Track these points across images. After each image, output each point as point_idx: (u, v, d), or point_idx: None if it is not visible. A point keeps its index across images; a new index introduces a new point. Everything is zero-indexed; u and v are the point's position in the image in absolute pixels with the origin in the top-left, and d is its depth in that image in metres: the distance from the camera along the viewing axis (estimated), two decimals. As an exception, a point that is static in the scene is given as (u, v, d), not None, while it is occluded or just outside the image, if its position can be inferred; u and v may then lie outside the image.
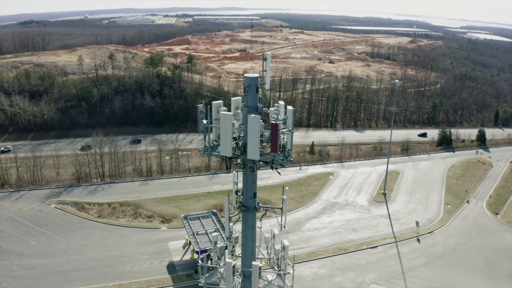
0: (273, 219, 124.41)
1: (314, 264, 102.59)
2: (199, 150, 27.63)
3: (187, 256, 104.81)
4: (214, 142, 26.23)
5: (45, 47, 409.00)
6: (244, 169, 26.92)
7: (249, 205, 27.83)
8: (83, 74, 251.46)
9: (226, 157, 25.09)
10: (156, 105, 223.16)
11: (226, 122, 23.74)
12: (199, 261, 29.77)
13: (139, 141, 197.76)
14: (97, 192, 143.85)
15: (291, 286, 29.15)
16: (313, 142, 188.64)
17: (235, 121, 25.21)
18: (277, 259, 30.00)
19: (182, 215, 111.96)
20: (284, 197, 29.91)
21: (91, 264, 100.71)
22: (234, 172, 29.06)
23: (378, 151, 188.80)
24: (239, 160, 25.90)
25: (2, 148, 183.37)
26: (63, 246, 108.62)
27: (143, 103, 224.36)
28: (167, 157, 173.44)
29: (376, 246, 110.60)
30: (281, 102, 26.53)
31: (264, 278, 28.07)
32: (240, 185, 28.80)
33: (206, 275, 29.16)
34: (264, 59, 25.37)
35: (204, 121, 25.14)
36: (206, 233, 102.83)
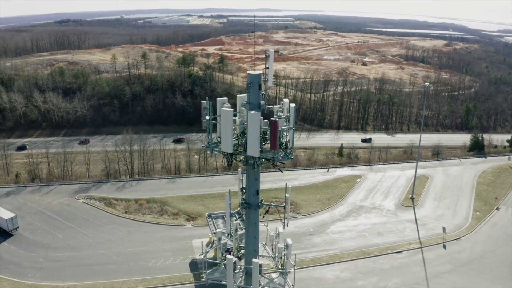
0: (298, 220, 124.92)
1: (337, 267, 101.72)
2: (202, 146, 27.74)
3: (210, 254, 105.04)
4: (218, 138, 26.29)
5: (81, 45, 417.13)
6: (247, 166, 26.92)
7: (251, 202, 27.80)
8: (116, 72, 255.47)
9: (227, 153, 25.14)
10: (187, 104, 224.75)
11: (226, 118, 23.81)
12: (202, 257, 29.91)
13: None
14: (125, 189, 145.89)
15: (292, 285, 28.99)
16: (342, 144, 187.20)
17: (236, 118, 25.19)
18: (280, 258, 29.83)
19: (207, 213, 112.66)
20: (287, 195, 29.69)
21: (116, 258, 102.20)
22: (239, 169, 29.09)
23: (408, 155, 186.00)
24: (242, 157, 25.88)
25: (18, 145, 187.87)
26: (89, 240, 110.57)
27: (174, 102, 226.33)
28: (196, 156, 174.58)
29: (401, 251, 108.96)
30: (286, 100, 26.45)
31: (266, 276, 27.95)
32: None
33: (209, 270, 29.29)
34: (267, 56, 25.30)
35: (207, 117, 25.22)
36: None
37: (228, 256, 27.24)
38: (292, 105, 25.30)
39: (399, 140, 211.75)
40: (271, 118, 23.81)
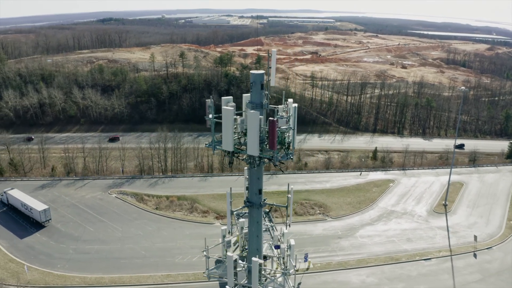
0: (327, 223, 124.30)
1: (363, 271, 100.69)
2: (205, 144, 28.14)
3: (237, 253, 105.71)
4: (221, 136, 26.57)
5: (121, 44, 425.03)
6: (249, 165, 27.15)
7: (254, 201, 27.98)
8: (154, 71, 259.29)
9: (228, 151, 25.46)
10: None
11: (227, 117, 24.13)
12: (204, 253, 30.36)
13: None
14: (157, 185, 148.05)
15: (293, 286, 29.06)
16: (376, 147, 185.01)
17: (238, 117, 25.45)
18: (283, 258, 29.93)
19: (235, 212, 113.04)
20: (289, 195, 29.83)
21: (143, 253, 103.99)
22: (246, 168, 29.30)
23: (443, 160, 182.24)
24: (245, 156, 26.13)
25: (26, 137, 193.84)
26: (119, 234, 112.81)
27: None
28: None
29: (429, 258, 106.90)
30: (290, 100, 26.58)
31: (269, 276, 28.07)
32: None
33: (213, 267, 29.68)
34: (269, 56, 25.48)
35: (210, 116, 25.59)
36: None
37: (228, 254, 27.58)
38: (294, 105, 25.33)
39: (435, 145, 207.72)
40: (270, 118, 23.95)
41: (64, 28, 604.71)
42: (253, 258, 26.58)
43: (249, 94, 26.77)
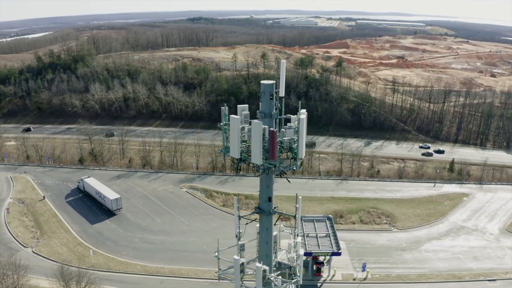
0: (392, 234, 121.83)
1: (422, 287, 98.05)
2: (218, 150, 29.48)
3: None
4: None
5: (208, 43, 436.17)
6: (260, 172, 28.23)
7: (264, 208, 29.14)
8: (236, 71, 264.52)
9: (235, 158, 26.69)
10: (301, 106, 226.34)
11: (234, 125, 25.30)
12: (216, 254, 31.77)
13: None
14: (227, 183, 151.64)
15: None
16: (453, 159, 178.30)
17: (246, 125, 26.52)
18: (291, 267, 30.76)
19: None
20: (297, 205, 30.62)
21: (205, 248, 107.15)
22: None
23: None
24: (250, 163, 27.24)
25: (24, 127, 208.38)
26: (184, 228, 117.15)
27: (288, 103, 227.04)
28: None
29: (494, 280, 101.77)
30: (303, 111, 27.34)
31: (276, 283, 28.97)
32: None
33: (225, 268, 31.05)
34: (278, 67, 26.45)
35: (223, 123, 26.93)
36: (316, 237, 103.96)
37: (235, 257, 28.91)
38: (302, 116, 26.13)
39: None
40: (270, 128, 24.90)
41: (155, 26, 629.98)
42: (257, 264, 27.72)
43: (245, 105, 28.08)
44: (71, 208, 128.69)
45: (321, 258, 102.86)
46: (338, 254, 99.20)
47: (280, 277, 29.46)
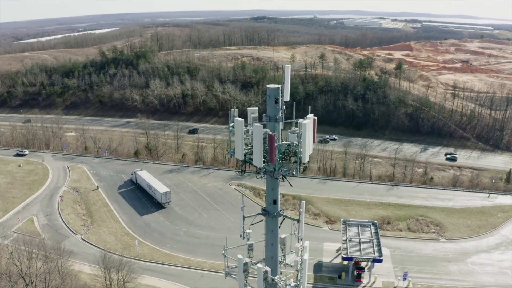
0: (439, 244, 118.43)
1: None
2: (226, 152, 30.18)
3: (337, 260, 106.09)
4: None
5: (269, 42, 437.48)
6: (266, 175, 28.73)
7: (269, 211, 29.68)
8: (294, 71, 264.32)
9: (240, 160, 27.37)
10: (357, 108, 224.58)
11: (238, 127, 25.99)
12: (223, 252, 32.50)
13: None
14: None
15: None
16: (510, 169, 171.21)
17: (250, 128, 27.09)
18: (296, 271, 31.09)
19: (342, 219, 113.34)
20: (301, 210, 30.90)
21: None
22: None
23: None
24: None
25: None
26: (229, 224, 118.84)
27: (345, 105, 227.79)
28: (356, 161, 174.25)
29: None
30: (310, 115, 27.65)
31: (279, 285, 29.40)
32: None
33: (233, 266, 31.78)
34: (283, 72, 26.83)
35: (231, 125, 27.61)
36: (359, 242, 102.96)
37: (239, 256, 29.57)
38: (306, 121, 26.39)
39: None
40: (269, 132, 25.37)
41: (218, 24, 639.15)
42: (258, 265, 28.31)
43: (255, 108, 28.59)
44: (123, 199, 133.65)
45: (363, 264, 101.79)
46: (380, 261, 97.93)
47: (284, 279, 29.88)
